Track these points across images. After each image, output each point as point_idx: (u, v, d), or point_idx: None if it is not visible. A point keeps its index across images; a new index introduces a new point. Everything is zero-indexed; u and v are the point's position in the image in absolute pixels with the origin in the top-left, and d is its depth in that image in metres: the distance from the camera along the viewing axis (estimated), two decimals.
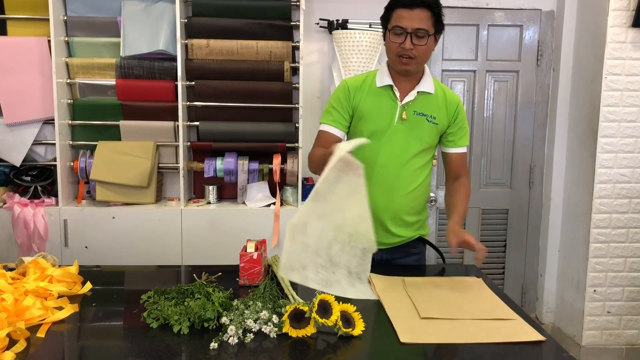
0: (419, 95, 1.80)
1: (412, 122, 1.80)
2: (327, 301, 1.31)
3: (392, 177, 1.81)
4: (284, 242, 1.47)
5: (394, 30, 1.71)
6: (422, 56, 1.73)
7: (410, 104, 1.80)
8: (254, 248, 1.64)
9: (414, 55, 1.71)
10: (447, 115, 1.83)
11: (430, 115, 1.81)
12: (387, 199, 1.82)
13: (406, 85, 1.81)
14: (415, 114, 1.80)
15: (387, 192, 1.82)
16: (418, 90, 1.80)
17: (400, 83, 1.81)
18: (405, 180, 1.82)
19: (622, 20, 2.83)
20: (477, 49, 3.27)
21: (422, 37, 1.69)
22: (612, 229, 2.97)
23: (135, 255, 2.82)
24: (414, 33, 1.68)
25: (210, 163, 2.97)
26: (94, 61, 2.91)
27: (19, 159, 2.88)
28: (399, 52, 1.72)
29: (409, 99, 1.79)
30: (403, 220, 1.86)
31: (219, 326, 1.31)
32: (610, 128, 2.91)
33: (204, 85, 2.96)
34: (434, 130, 1.82)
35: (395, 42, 1.71)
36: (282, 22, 2.99)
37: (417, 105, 1.80)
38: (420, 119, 1.80)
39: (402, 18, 1.69)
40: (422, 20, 1.68)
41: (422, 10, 1.68)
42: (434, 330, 1.33)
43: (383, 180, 1.81)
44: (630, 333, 3.06)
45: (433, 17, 1.70)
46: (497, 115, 3.34)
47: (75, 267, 1.66)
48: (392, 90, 1.80)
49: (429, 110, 1.81)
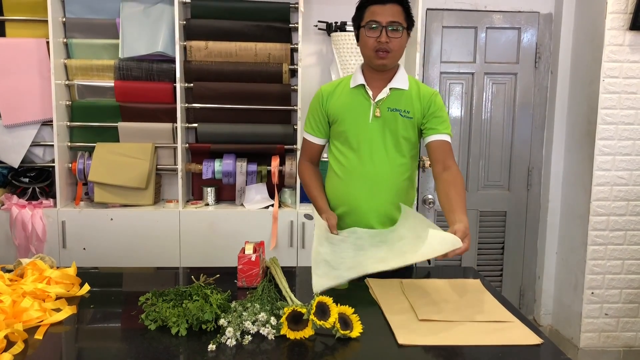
0: (392, 92, 1.84)
1: (386, 118, 1.83)
2: (325, 303, 1.31)
3: (373, 174, 1.85)
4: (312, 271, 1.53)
5: (369, 25, 1.77)
6: (397, 50, 1.79)
7: (383, 100, 1.84)
8: (252, 250, 1.64)
9: (390, 48, 1.76)
10: (421, 107, 1.85)
11: (404, 110, 1.84)
12: (370, 197, 1.85)
13: (379, 84, 1.85)
14: (388, 110, 1.84)
15: (369, 190, 1.85)
16: (390, 87, 1.84)
17: (373, 82, 1.85)
18: (387, 176, 1.85)
19: (619, 23, 2.84)
20: (475, 51, 3.28)
21: (397, 30, 1.76)
22: (609, 231, 2.98)
23: (134, 256, 2.82)
24: (389, 26, 1.75)
25: (209, 165, 2.97)
26: (93, 63, 2.91)
27: (17, 160, 2.88)
28: (375, 46, 1.77)
29: (382, 96, 1.84)
30: (389, 218, 1.87)
31: (217, 328, 1.31)
32: (608, 130, 2.92)
33: (202, 87, 2.96)
34: (409, 124, 1.85)
35: (371, 36, 1.77)
36: (280, 24, 2.99)
37: (390, 101, 1.84)
38: (393, 114, 1.83)
39: (375, 14, 1.76)
40: (395, 14, 1.76)
41: (394, 5, 1.76)
42: (432, 332, 1.33)
43: (365, 178, 1.85)
44: (628, 335, 3.06)
45: (404, 11, 1.78)
46: (495, 117, 3.35)
47: (73, 269, 1.66)
48: (365, 89, 1.85)
49: (402, 105, 1.84)
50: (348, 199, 1.87)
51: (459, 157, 3.36)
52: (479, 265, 3.40)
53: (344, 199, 1.89)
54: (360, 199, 1.85)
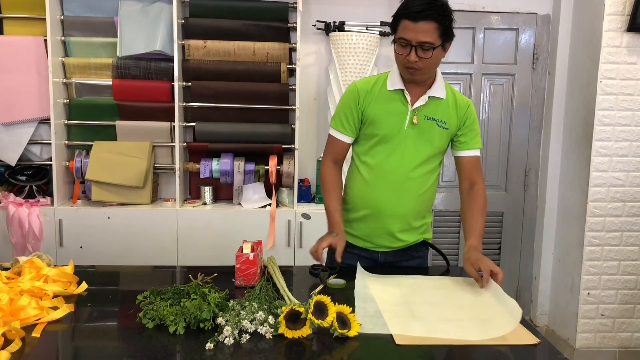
0: (430, 100, 1.78)
1: (423, 127, 1.78)
2: (323, 302, 1.31)
3: (402, 181, 1.79)
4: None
5: (399, 42, 1.68)
6: (428, 67, 1.70)
7: (421, 108, 1.78)
8: (250, 249, 1.64)
9: (419, 67, 1.68)
10: (457, 118, 1.81)
11: (441, 120, 1.79)
12: (395, 203, 1.80)
13: (417, 90, 1.78)
14: (425, 119, 1.78)
15: (396, 196, 1.80)
16: (429, 96, 1.78)
17: (411, 87, 1.78)
18: (414, 184, 1.81)
19: (617, 25, 2.85)
20: (473, 52, 3.29)
21: (427, 50, 1.65)
22: (606, 232, 2.99)
23: (131, 255, 2.81)
24: (419, 46, 1.65)
25: (206, 164, 2.97)
26: (91, 61, 2.91)
27: (15, 158, 2.87)
28: (405, 63, 1.70)
29: (420, 103, 1.77)
30: (410, 225, 1.85)
31: (215, 327, 1.31)
32: (605, 132, 2.93)
33: (200, 86, 2.96)
34: (445, 135, 1.81)
35: (401, 53, 1.69)
36: (279, 23, 2.99)
37: (428, 110, 1.78)
38: (430, 123, 1.78)
39: (407, 30, 1.65)
40: (427, 33, 1.63)
41: (427, 23, 1.62)
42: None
43: (392, 185, 1.79)
44: (624, 336, 3.08)
45: (440, 28, 1.64)
46: (492, 118, 3.36)
47: (70, 267, 1.66)
48: (403, 95, 1.78)
49: (439, 114, 1.79)
50: (372, 202, 1.82)
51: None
52: None
53: (368, 201, 1.83)
54: (385, 203, 1.80)
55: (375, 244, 1.87)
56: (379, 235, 1.85)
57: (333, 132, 1.86)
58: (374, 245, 1.88)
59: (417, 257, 1.92)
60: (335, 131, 1.86)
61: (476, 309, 1.48)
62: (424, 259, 1.95)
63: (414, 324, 1.37)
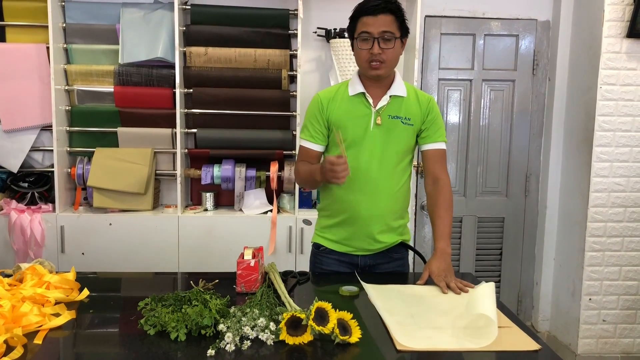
0: (392, 99, 1.85)
1: (388, 126, 1.84)
2: (324, 309, 1.32)
3: (375, 181, 1.84)
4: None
5: (361, 37, 1.76)
6: (390, 59, 1.78)
7: (384, 108, 1.84)
8: (251, 255, 1.65)
9: (382, 59, 1.76)
10: (421, 114, 1.87)
11: (405, 117, 1.85)
12: (371, 204, 1.85)
13: (378, 91, 1.85)
14: (389, 118, 1.84)
15: (371, 197, 1.84)
16: (390, 95, 1.84)
17: (372, 90, 1.85)
18: (387, 183, 1.85)
19: (617, 31, 2.86)
20: (473, 58, 3.30)
21: (389, 40, 1.75)
22: (607, 237, 2.99)
23: (132, 262, 2.81)
24: (381, 37, 1.74)
25: (208, 170, 2.97)
26: (93, 68, 2.92)
27: (17, 165, 2.88)
28: (368, 57, 1.77)
29: (382, 103, 1.84)
30: (388, 225, 1.88)
31: (216, 333, 1.31)
32: (606, 137, 2.93)
33: (202, 92, 2.97)
34: (410, 131, 1.86)
35: (364, 48, 1.77)
36: (280, 30, 3.01)
37: (391, 109, 1.84)
38: (395, 122, 1.84)
39: (367, 25, 1.75)
40: (387, 24, 1.74)
41: (386, 16, 1.74)
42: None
43: (366, 186, 1.84)
44: (626, 341, 3.07)
45: (397, 21, 1.76)
46: (493, 124, 3.36)
47: (72, 274, 1.66)
48: (365, 97, 1.85)
49: (402, 112, 1.85)
50: (348, 205, 1.86)
51: (457, 163, 3.37)
52: (477, 271, 3.41)
53: (344, 205, 1.87)
54: (361, 205, 1.84)
55: (355, 247, 1.90)
56: (358, 238, 1.89)
57: (303, 143, 1.92)
58: (353, 248, 1.91)
59: (396, 259, 1.95)
60: (305, 141, 1.92)
61: (473, 315, 1.47)
62: (404, 261, 1.98)
63: (419, 334, 1.36)
